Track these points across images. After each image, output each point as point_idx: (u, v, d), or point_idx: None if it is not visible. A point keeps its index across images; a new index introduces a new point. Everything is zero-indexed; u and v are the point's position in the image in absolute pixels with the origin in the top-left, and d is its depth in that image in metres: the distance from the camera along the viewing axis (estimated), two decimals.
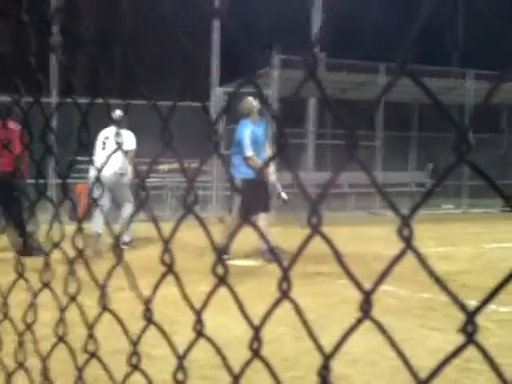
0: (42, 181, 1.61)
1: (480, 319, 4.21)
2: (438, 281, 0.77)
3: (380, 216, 18.39)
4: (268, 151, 10.27)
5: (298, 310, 0.95)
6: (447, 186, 22.45)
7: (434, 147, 23.97)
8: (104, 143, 11.49)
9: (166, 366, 4.29)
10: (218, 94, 17.37)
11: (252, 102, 10.59)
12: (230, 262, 9.23)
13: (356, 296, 1.02)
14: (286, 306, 1.24)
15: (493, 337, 5.65)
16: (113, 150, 1.38)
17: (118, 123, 11.32)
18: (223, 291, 1.28)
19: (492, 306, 6.77)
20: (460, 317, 4.48)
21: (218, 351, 1.09)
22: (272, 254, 8.83)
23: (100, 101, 1.37)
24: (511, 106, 23.66)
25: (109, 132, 11.57)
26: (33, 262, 1.99)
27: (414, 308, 6.75)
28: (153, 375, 1.53)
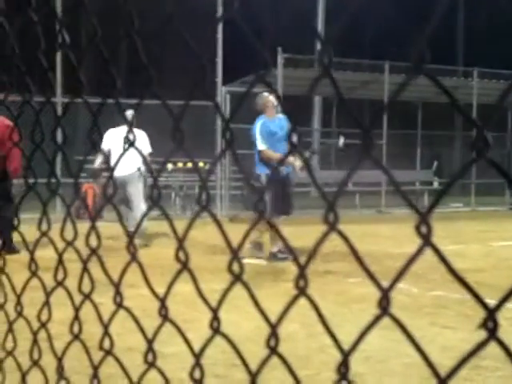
0: (54, 180, 1.62)
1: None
2: (458, 277, 0.77)
3: (387, 214, 18.39)
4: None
5: (316, 307, 0.95)
6: (454, 185, 22.38)
7: (438, 145, 23.98)
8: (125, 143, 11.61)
9: (179, 363, 4.29)
10: (224, 94, 17.39)
11: (267, 98, 10.52)
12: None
13: (367, 294, 1.03)
14: (297, 303, 1.24)
15: (505, 334, 5.60)
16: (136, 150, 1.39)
17: (132, 123, 11.40)
18: (233, 289, 1.29)
19: (506, 304, 6.75)
20: (471, 314, 4.57)
21: (235, 349, 1.09)
22: (291, 252, 8.91)
23: (109, 100, 1.38)
24: None
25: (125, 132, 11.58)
26: (46, 261, 2.00)
27: (426, 306, 6.75)
28: (167, 373, 1.53)
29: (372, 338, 1.06)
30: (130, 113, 12.38)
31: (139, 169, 12.08)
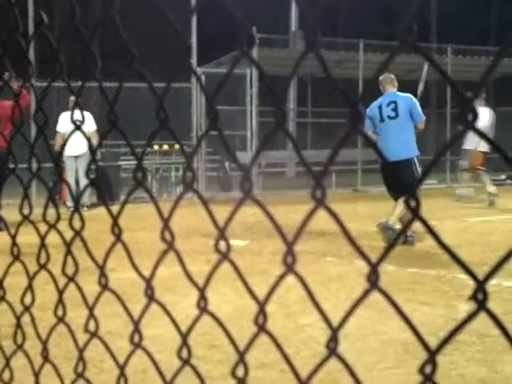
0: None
1: (470, 292, 4.24)
2: (448, 250, 0.77)
3: (363, 193, 18.49)
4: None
5: (304, 284, 0.95)
6: (428, 162, 22.51)
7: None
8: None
9: (158, 346, 4.29)
10: (199, 75, 17.30)
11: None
12: (222, 243, 9.24)
13: (343, 272, 1.03)
14: (272, 283, 1.25)
15: (496, 308, 5.67)
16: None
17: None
18: (205, 272, 1.29)
19: (493, 282, 6.82)
20: (448, 290, 4.61)
21: (222, 327, 1.09)
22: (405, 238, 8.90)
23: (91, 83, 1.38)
24: (491, 82, 23.74)
25: (76, 115, 12.64)
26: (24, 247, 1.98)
27: (402, 282, 6.80)
28: (145, 356, 1.53)
29: (349, 316, 1.06)
30: (72, 98, 13.34)
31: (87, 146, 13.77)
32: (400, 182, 9.07)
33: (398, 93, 10.02)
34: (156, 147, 17.01)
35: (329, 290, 6.55)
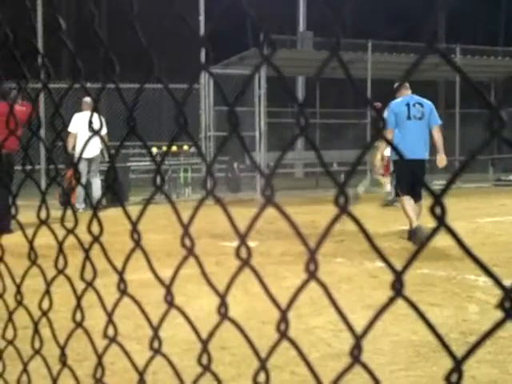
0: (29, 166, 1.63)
1: (480, 294, 4.32)
2: (474, 258, 0.77)
3: (370, 194, 18.45)
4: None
5: (327, 291, 0.95)
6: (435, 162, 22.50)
7: None
8: (90, 127, 13.00)
9: (168, 347, 4.27)
10: (207, 76, 17.29)
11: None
12: (228, 244, 9.29)
13: (353, 274, 1.03)
14: (282, 285, 1.25)
15: (494, 311, 5.65)
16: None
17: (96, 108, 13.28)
18: (218, 273, 1.29)
19: (491, 281, 6.80)
20: (458, 292, 4.59)
21: (245, 336, 1.09)
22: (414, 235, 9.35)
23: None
24: (500, 82, 23.70)
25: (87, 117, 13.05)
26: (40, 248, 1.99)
27: (412, 284, 6.79)
28: (157, 360, 1.53)
29: (359, 318, 1.06)
30: (88, 99, 13.85)
31: (101, 150, 14.25)
32: (412, 180, 9.47)
33: (416, 96, 10.50)
34: (164, 148, 17.03)
35: (339, 291, 6.54)
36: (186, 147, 17.74)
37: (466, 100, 21.68)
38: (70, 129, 14.07)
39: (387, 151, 14.40)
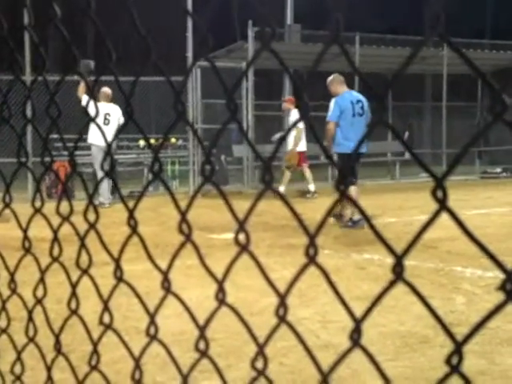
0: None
1: (467, 285, 4.35)
2: (479, 244, 0.78)
3: (361, 186, 18.46)
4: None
5: (326, 275, 0.95)
6: (425, 155, 22.59)
7: (408, 116, 24.09)
8: (106, 119, 12.98)
9: (155, 340, 4.28)
10: (194, 68, 17.24)
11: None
12: (215, 236, 9.30)
13: (341, 265, 1.04)
14: (271, 276, 1.25)
15: (481, 302, 5.73)
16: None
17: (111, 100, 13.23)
18: (209, 264, 1.30)
19: (478, 272, 6.86)
20: (446, 283, 4.61)
21: (242, 321, 1.10)
22: (354, 223, 10.33)
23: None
24: (486, 75, 23.70)
25: (107, 108, 13.02)
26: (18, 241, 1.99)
27: None
28: (146, 351, 1.54)
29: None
30: (108, 89, 13.72)
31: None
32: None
33: (356, 92, 11.38)
34: (152, 141, 16.97)
35: (326, 283, 6.54)
36: (173, 140, 17.71)
37: (452, 93, 21.75)
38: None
39: (302, 146, 14.95)
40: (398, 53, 19.69)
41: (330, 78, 11.16)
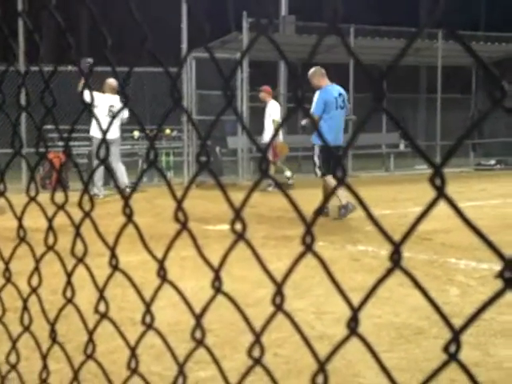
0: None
1: (461, 277, 4.35)
2: (474, 229, 0.77)
3: (354, 178, 18.49)
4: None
5: (323, 263, 0.95)
6: (419, 147, 22.56)
7: (403, 108, 24.09)
8: (110, 111, 12.96)
9: (152, 331, 4.28)
10: (190, 59, 17.20)
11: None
12: (210, 227, 9.30)
13: (334, 257, 1.03)
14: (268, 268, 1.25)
15: (476, 293, 5.74)
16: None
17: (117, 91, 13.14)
18: (198, 256, 1.29)
19: (472, 264, 6.88)
20: (440, 275, 4.61)
21: (239, 310, 1.09)
22: (345, 208, 10.48)
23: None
24: (481, 67, 23.71)
25: (111, 100, 12.96)
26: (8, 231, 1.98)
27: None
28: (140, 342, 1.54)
29: (341, 300, 1.07)
30: (114, 80, 13.60)
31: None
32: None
33: (337, 85, 11.53)
34: (148, 132, 16.92)
35: (320, 274, 6.53)
36: (167, 131, 17.67)
37: (447, 85, 21.74)
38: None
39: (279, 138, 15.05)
40: (393, 44, 19.68)
41: (312, 70, 11.25)
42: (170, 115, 1.19)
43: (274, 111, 15.57)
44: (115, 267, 1.29)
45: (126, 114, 13.44)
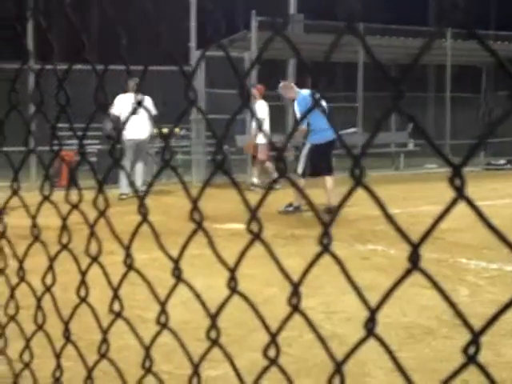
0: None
1: (471, 277, 4.34)
2: (496, 232, 0.77)
3: (364, 177, 18.39)
4: None
5: (341, 264, 0.95)
6: (428, 146, 22.52)
7: (412, 107, 24.05)
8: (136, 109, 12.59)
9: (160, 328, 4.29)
10: (197, 58, 17.18)
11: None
12: (219, 226, 9.29)
13: (343, 256, 1.03)
14: (274, 266, 1.25)
15: (485, 293, 5.72)
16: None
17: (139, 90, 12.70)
18: (211, 254, 1.29)
19: (482, 264, 6.86)
20: (450, 274, 4.61)
21: (255, 310, 1.09)
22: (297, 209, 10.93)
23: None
24: (490, 66, 23.69)
25: (134, 98, 12.60)
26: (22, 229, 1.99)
27: (403, 266, 6.81)
28: (148, 338, 1.54)
29: (351, 299, 1.07)
30: (134, 80, 13.39)
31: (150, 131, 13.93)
32: (326, 160, 11.25)
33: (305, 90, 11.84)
34: (155, 130, 16.93)
35: (330, 273, 6.52)
36: (176, 130, 17.67)
37: (456, 84, 21.68)
38: (113, 111, 13.27)
39: (260, 139, 15.05)
40: (402, 43, 19.62)
41: (281, 85, 12.04)
42: (176, 113, 1.19)
43: (260, 111, 15.52)
44: (130, 266, 1.29)
45: (152, 111, 12.98)
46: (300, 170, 11.16)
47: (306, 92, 11.37)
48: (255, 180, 15.91)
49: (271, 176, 15.64)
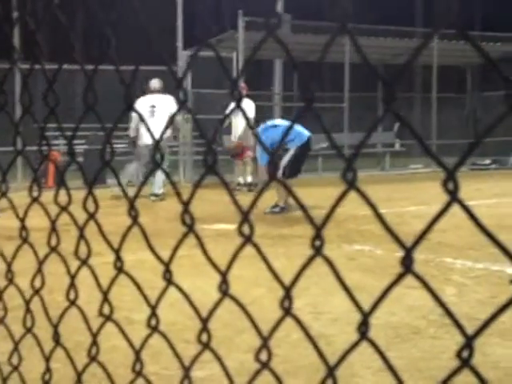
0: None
1: (457, 276, 4.36)
2: (488, 234, 0.77)
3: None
4: None
5: (333, 267, 0.95)
6: (414, 146, 22.65)
7: (398, 107, 24.04)
8: (152, 111, 12.28)
9: (148, 330, 4.28)
10: (185, 58, 17.16)
11: None
12: (206, 227, 9.29)
13: (331, 257, 1.02)
14: (262, 266, 1.24)
15: (472, 293, 5.75)
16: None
17: (160, 91, 12.46)
18: (199, 255, 1.29)
19: (468, 263, 6.88)
20: (437, 274, 4.63)
21: (245, 311, 1.09)
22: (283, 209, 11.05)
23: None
24: (476, 67, 23.79)
25: (152, 100, 12.37)
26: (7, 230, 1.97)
27: (390, 267, 6.83)
28: (136, 339, 1.53)
29: (338, 300, 1.07)
30: (156, 81, 13.07)
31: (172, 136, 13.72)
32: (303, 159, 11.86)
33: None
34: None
35: (318, 274, 6.52)
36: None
37: (442, 84, 21.75)
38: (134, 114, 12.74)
39: (250, 139, 15.08)
40: (390, 43, 19.67)
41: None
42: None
43: (248, 110, 15.49)
44: (120, 269, 1.28)
45: (172, 109, 12.41)
46: (280, 171, 11.21)
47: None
48: (241, 180, 15.93)
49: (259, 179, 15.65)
